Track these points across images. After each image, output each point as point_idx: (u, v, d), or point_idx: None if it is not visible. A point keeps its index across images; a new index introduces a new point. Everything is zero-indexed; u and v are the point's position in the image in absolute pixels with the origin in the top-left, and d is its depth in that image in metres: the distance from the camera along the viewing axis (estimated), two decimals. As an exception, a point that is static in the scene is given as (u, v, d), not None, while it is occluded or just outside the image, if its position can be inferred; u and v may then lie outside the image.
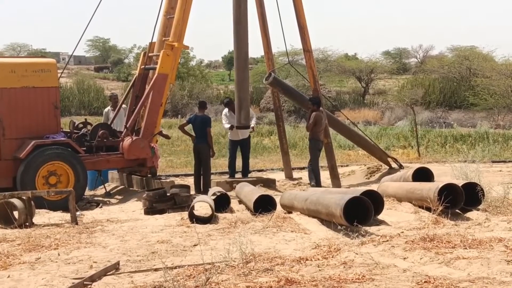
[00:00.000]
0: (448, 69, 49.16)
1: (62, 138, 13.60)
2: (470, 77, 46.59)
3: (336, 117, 18.96)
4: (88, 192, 14.80)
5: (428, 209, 9.82)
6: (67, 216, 11.05)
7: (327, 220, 9.51)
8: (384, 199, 10.19)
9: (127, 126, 14.45)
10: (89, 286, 6.68)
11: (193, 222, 10.09)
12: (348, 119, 21.82)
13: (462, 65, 48.31)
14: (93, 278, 6.86)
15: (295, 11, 15.51)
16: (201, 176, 14.69)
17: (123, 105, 16.03)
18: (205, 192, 13.38)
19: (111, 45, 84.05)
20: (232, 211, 11.36)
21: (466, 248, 7.61)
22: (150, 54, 15.27)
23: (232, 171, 15.75)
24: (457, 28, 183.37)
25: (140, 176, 14.88)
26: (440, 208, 9.42)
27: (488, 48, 72.93)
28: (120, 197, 14.56)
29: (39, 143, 13.14)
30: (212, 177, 15.40)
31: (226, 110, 15.91)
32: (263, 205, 10.75)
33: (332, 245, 8.06)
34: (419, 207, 10.32)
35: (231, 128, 15.38)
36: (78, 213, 11.17)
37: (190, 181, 15.41)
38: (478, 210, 10.12)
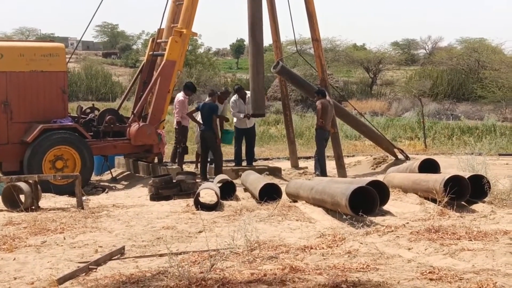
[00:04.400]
0: (456, 61, 48.97)
1: (70, 123, 13.65)
2: (478, 70, 46.42)
3: (343, 107, 18.94)
4: (94, 177, 14.85)
5: (434, 200, 9.81)
6: (73, 200, 11.10)
7: (332, 210, 9.51)
8: (390, 189, 10.17)
9: (134, 112, 14.46)
10: (94, 270, 6.71)
11: (198, 209, 10.11)
12: (355, 109, 21.79)
13: (471, 57, 48.11)
14: (98, 262, 6.89)
15: (304, 0, 15.47)
16: (207, 163, 14.60)
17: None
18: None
19: (120, 31, 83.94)
20: (237, 199, 11.38)
21: (471, 240, 7.61)
22: (158, 41, 15.29)
23: (238, 160, 15.71)
24: (467, 20, 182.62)
25: (146, 162, 14.91)
26: (446, 199, 9.41)
27: (498, 41, 72.87)
28: (126, 183, 14.61)
29: (47, 127, 13.19)
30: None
31: (235, 97, 15.76)
32: (269, 194, 10.76)
33: (337, 235, 8.06)
34: (425, 198, 10.30)
35: (247, 117, 15.25)
36: (84, 197, 11.21)
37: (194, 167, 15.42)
38: (484, 202, 10.10)
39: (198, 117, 14.79)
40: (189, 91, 15.10)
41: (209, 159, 14.70)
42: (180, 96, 14.98)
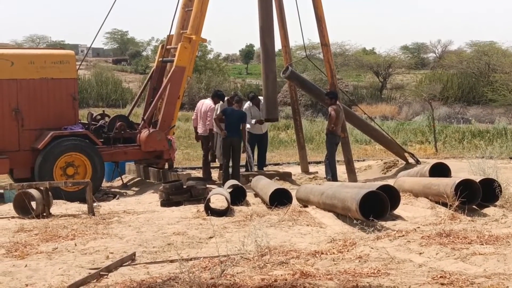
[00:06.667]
0: (466, 65, 48.87)
1: (80, 130, 13.69)
2: (488, 73, 46.30)
3: (353, 112, 18.91)
4: (105, 184, 14.89)
5: (445, 204, 9.77)
6: (84, 207, 11.13)
7: (342, 214, 9.50)
8: (401, 194, 10.15)
9: (144, 118, 14.50)
10: (106, 276, 6.73)
11: (209, 215, 10.12)
12: (365, 113, 21.76)
13: (481, 60, 48.00)
14: (109, 269, 6.91)
15: (313, 5, 15.47)
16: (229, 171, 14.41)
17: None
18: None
19: (129, 37, 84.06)
20: (248, 204, 11.38)
21: (482, 244, 7.58)
22: (168, 47, 15.32)
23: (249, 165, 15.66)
24: (477, 23, 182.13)
25: (157, 168, 14.93)
26: (457, 203, 9.37)
27: (508, 44, 72.70)
28: (136, 189, 14.64)
29: (57, 134, 13.24)
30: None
31: (249, 104, 15.60)
32: (279, 199, 10.76)
33: (348, 239, 8.04)
34: (436, 202, 10.27)
35: (260, 122, 15.22)
36: (95, 204, 11.24)
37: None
38: (495, 206, 10.06)
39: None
40: (218, 99, 14.91)
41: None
42: (211, 103, 14.87)
